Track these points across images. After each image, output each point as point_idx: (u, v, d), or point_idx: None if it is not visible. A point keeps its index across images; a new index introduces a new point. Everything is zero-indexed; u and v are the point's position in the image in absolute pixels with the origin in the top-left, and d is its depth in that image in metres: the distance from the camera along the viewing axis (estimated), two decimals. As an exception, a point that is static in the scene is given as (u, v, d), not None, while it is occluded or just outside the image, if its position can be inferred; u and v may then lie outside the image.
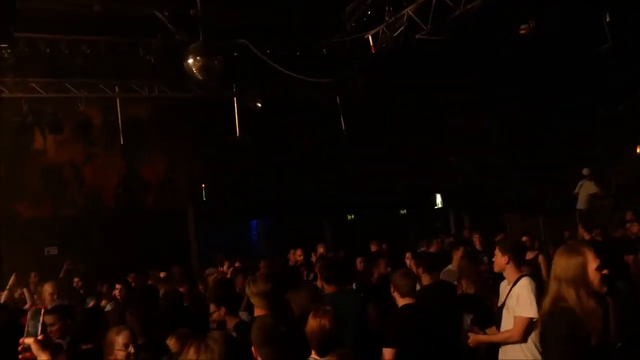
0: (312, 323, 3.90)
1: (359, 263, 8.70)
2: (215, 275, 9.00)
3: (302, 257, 9.87)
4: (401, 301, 4.70)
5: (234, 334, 4.44)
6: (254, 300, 4.74)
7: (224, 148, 12.28)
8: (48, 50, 9.11)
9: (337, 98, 11.93)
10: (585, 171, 12.75)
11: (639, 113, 13.44)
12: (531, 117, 13.98)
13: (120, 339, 4.46)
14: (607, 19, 9.50)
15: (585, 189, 12.79)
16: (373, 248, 11.54)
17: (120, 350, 4.40)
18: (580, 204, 12.87)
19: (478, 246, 9.52)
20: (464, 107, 13.51)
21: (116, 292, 8.24)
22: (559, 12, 9.73)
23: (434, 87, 12.79)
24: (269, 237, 14.72)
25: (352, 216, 16.16)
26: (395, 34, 9.31)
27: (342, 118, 12.06)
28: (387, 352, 4.45)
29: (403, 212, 16.50)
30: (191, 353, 2.82)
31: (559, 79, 12.51)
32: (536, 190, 13.62)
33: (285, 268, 9.79)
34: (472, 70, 11.83)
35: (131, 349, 4.43)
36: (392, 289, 4.78)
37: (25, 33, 8.71)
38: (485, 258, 7.98)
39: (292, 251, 10.21)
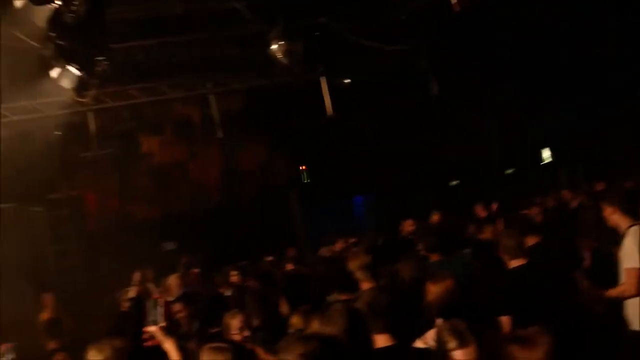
0: (432, 289, 3.88)
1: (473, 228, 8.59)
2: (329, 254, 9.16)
3: (413, 227, 9.83)
4: (511, 263, 4.54)
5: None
6: (358, 275, 4.78)
7: (319, 128, 12.40)
8: (142, 56, 9.61)
9: (424, 62, 11.66)
10: None
11: None
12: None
13: (234, 323, 4.69)
14: None
15: None
16: (480, 213, 11.27)
17: (235, 333, 4.63)
18: None
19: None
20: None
21: (234, 278, 8.66)
22: None
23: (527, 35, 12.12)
24: (374, 212, 14.77)
25: (457, 182, 15.81)
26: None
27: (433, 81, 11.77)
28: (504, 321, 4.25)
29: (509, 172, 15.91)
30: (316, 325, 2.93)
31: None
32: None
33: (395, 240, 9.81)
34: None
35: (245, 332, 4.66)
36: (500, 251, 4.65)
37: (118, 44, 9.22)
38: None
39: (403, 222, 10.16)
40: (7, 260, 9.95)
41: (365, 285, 4.70)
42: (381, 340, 3.33)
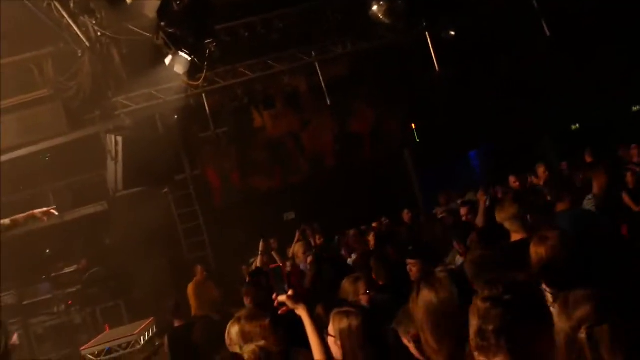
0: (535, 250, 3.65)
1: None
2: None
3: (517, 184, 9.47)
4: None
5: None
6: (507, 225, 4.65)
7: (427, 85, 12.13)
8: (246, 34, 9.84)
9: (535, 3, 11.00)
10: None
11: None
12: None
13: (355, 288, 4.74)
14: None
15: None
16: (588, 159, 10.60)
17: (361, 295, 4.69)
18: None
19: None
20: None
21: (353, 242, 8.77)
22: None
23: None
24: (491, 164, 14.30)
25: (577, 125, 14.88)
26: None
27: (544, 23, 11.10)
28: None
29: (636, 108, 14.72)
30: (426, 294, 2.89)
31: None
32: None
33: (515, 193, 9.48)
34: None
35: (367, 295, 4.70)
36: None
37: (223, 24, 9.49)
38: None
39: (511, 178, 9.75)
40: (144, 241, 10.71)
41: (516, 237, 4.55)
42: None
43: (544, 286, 3.26)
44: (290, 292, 3.39)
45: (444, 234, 7.67)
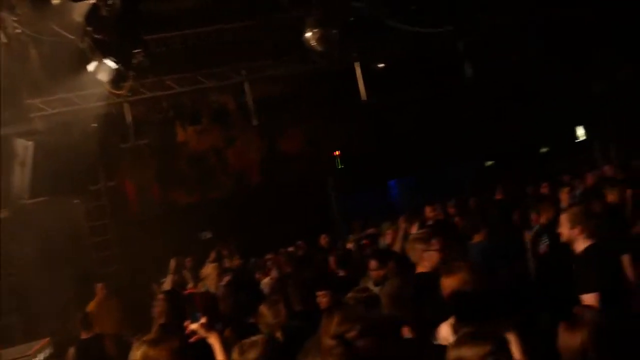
0: (446, 282, 3.68)
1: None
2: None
3: (433, 214, 9.80)
4: (585, 242, 4.23)
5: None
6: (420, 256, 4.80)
7: (354, 114, 12.35)
8: (178, 47, 9.64)
9: (459, 44, 11.50)
10: None
11: None
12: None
13: (276, 312, 4.69)
14: None
15: None
16: (498, 196, 11.14)
17: (277, 321, 4.64)
18: None
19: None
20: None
21: (270, 266, 8.70)
22: None
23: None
24: (410, 195, 14.69)
25: (491, 162, 15.67)
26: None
27: (467, 64, 11.63)
28: (590, 298, 3.93)
29: (544, 150, 15.73)
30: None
31: None
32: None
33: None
34: None
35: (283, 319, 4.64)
36: (572, 230, 4.30)
37: (155, 34, 9.25)
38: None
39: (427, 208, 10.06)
40: (48, 253, 10.13)
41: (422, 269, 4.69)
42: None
43: (450, 319, 3.33)
44: (203, 320, 3.31)
45: (362, 261, 7.78)
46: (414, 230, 7.76)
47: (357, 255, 8.61)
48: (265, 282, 8.21)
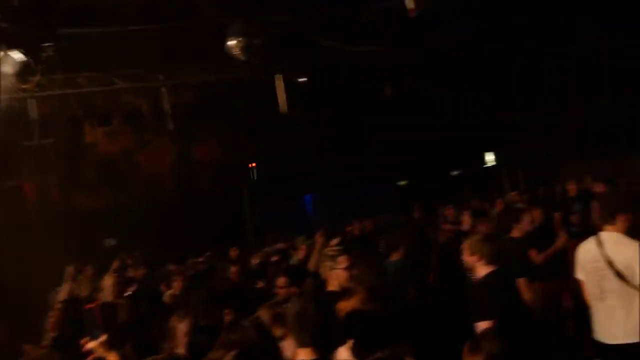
0: (342, 306, 3.65)
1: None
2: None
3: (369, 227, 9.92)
4: (485, 269, 4.26)
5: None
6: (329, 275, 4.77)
7: (272, 125, 12.24)
8: (94, 44, 9.19)
9: (382, 65, 11.68)
10: None
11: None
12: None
13: (182, 327, 4.53)
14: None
15: None
16: (416, 214, 11.49)
17: (182, 337, 4.48)
18: None
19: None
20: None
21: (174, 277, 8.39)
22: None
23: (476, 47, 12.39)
24: (325, 210, 14.72)
25: (405, 182, 16.02)
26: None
27: (387, 84, 11.83)
28: (484, 325, 3.93)
29: (455, 173, 16.27)
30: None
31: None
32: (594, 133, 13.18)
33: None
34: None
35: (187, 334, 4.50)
36: (472, 257, 4.33)
37: (70, 29, 8.77)
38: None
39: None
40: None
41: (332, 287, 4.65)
42: (303, 354, 3.11)
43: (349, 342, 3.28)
44: (103, 338, 3.14)
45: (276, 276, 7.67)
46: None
47: (267, 269, 8.51)
48: (169, 294, 7.92)
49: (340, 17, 10.31)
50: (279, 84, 11.19)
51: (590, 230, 4.52)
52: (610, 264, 3.98)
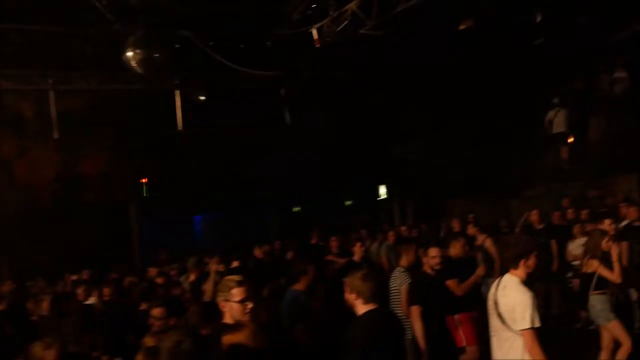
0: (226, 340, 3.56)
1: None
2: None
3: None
4: (363, 308, 4.13)
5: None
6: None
7: (166, 142, 11.90)
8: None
9: (282, 90, 11.77)
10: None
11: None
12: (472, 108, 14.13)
13: (48, 355, 4.22)
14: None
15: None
16: (314, 240, 11.59)
17: None
18: None
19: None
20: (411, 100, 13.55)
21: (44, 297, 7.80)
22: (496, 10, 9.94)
23: (378, 76, 12.81)
24: (214, 231, 14.43)
25: (299, 208, 16.07)
26: (339, 28, 9.25)
27: (286, 110, 11.91)
28: None
29: (348, 203, 16.56)
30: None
31: (500, 72, 12.81)
32: (478, 174, 13.96)
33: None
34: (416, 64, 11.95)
35: None
36: (351, 295, 4.17)
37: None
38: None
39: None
40: None
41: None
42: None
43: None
44: None
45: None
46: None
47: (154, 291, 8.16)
48: (37, 314, 7.33)
49: (246, 39, 10.32)
50: (177, 101, 10.96)
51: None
52: (496, 305, 4.15)
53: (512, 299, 4.05)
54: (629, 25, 12.62)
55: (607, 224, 7.87)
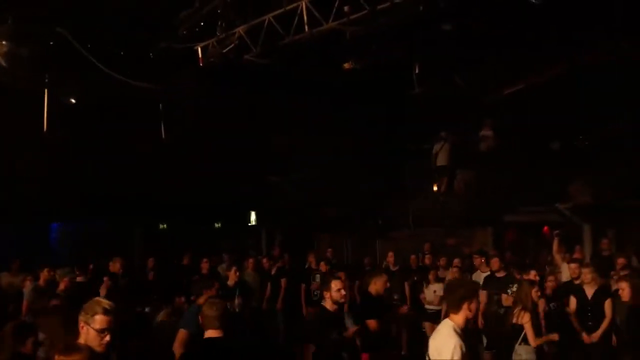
0: None
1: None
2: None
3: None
4: (206, 334, 4.34)
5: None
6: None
7: (28, 143, 11.11)
8: None
9: (160, 105, 11.48)
10: None
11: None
12: (346, 148, 14.56)
13: None
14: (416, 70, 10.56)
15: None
16: (186, 261, 11.35)
17: None
18: None
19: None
20: (287, 128, 13.71)
21: None
22: (378, 56, 10.36)
23: (261, 104, 12.88)
24: (72, 242, 13.57)
25: (165, 225, 15.64)
26: (224, 50, 9.25)
27: (162, 125, 11.61)
28: None
29: (217, 225, 16.37)
30: None
31: (377, 116, 13.37)
32: (347, 212, 14.36)
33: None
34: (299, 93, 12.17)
35: None
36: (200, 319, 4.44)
37: None
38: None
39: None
40: None
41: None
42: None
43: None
44: None
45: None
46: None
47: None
48: None
49: (127, 46, 10.01)
50: (46, 101, 10.34)
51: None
52: (428, 348, 4.24)
53: (439, 343, 4.12)
54: (500, 89, 13.69)
55: (532, 275, 8.21)
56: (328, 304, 5.72)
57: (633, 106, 11.34)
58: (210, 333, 4.32)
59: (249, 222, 16.32)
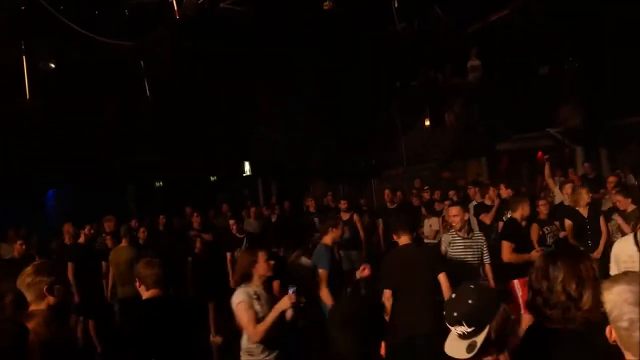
0: None
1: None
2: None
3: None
4: (146, 294, 4.10)
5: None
6: None
7: (12, 112, 10.98)
8: None
9: (142, 62, 11.27)
10: None
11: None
12: (333, 92, 14.43)
13: None
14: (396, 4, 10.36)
15: None
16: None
17: None
18: None
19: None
20: (274, 81, 13.56)
21: None
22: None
23: (244, 56, 12.68)
24: (69, 207, 13.63)
25: (160, 183, 15.66)
26: (199, 1, 9.03)
27: (146, 83, 11.44)
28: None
29: (213, 179, 16.39)
30: None
31: (359, 56, 13.17)
32: (338, 160, 14.39)
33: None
34: (280, 43, 11.96)
35: None
36: (136, 281, 4.16)
37: None
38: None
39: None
40: None
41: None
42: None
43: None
44: None
45: None
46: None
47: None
48: None
49: (102, 6, 9.77)
50: (25, 68, 10.15)
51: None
52: None
53: None
54: (484, 17, 13.49)
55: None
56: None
57: (620, 28, 11.20)
58: (150, 292, 4.10)
59: (244, 172, 16.33)
